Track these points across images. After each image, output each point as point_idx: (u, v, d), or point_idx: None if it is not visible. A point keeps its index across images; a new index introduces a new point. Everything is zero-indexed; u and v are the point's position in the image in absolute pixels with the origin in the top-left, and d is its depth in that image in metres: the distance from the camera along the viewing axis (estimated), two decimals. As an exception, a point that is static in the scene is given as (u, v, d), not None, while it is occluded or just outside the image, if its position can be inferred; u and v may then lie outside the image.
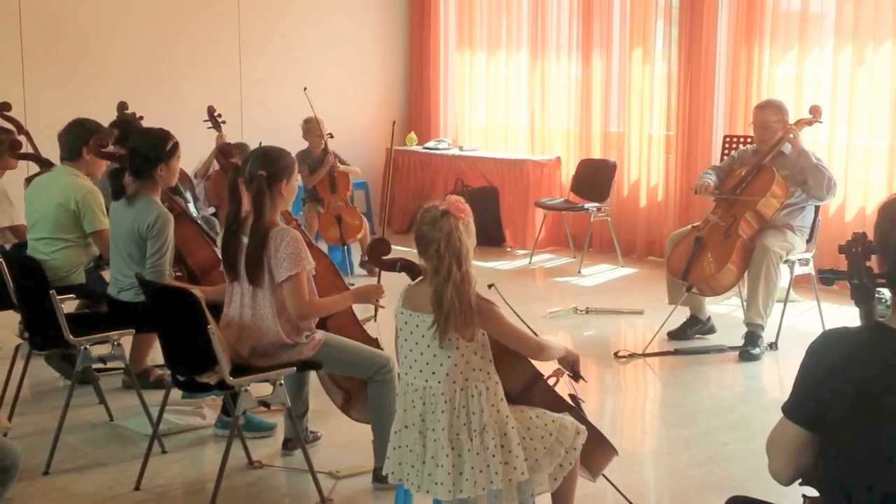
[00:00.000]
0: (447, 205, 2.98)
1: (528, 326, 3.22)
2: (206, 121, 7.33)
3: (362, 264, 8.04)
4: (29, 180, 5.96)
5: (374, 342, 4.15)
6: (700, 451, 4.40)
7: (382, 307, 3.99)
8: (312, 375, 4.23)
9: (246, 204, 3.80)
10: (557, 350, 3.28)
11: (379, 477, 3.85)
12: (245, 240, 3.74)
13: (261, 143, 7.06)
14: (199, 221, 5.13)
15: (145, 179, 4.53)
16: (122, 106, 6.17)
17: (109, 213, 4.77)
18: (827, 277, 2.31)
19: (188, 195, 6.28)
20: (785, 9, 7.76)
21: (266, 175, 3.70)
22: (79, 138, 5.12)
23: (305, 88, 7.64)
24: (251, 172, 3.72)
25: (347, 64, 10.20)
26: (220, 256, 3.94)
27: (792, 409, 2.20)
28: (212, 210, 7.16)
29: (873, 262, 2.20)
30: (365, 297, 3.94)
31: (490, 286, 3.19)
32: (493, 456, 2.94)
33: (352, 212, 7.98)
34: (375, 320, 4.30)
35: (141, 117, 6.14)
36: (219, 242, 3.95)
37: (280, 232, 3.70)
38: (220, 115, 7.35)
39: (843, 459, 2.11)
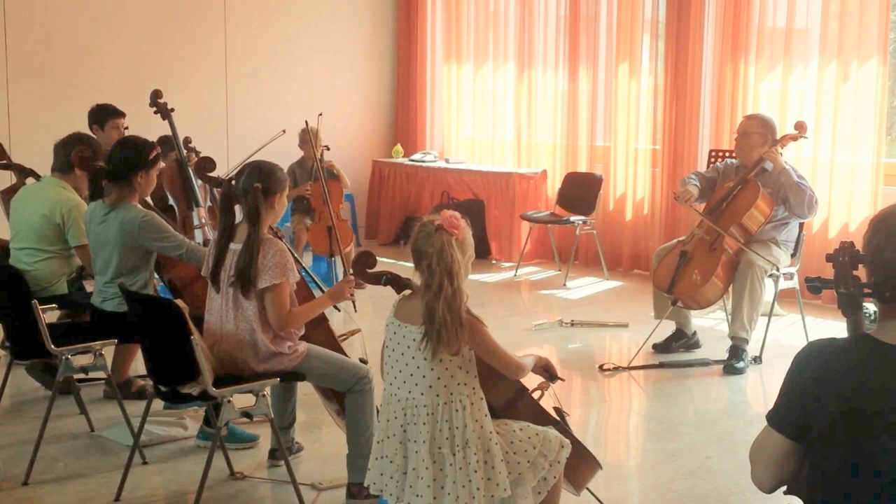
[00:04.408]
0: (442, 220, 2.97)
1: None
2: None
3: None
4: (4, 192, 5.90)
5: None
6: (684, 464, 4.40)
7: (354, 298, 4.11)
8: (306, 387, 4.20)
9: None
10: (531, 364, 3.27)
11: (352, 492, 3.83)
12: (233, 247, 3.73)
13: (225, 147, 7.01)
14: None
15: (124, 187, 4.51)
16: (156, 94, 5.95)
17: (88, 220, 4.69)
18: (815, 286, 2.30)
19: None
20: (770, 25, 7.80)
21: (262, 188, 3.72)
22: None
23: (321, 114, 7.60)
24: (245, 186, 3.74)
25: (334, 76, 10.20)
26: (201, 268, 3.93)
27: (776, 419, 2.19)
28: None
29: (860, 272, 2.20)
30: (339, 295, 3.96)
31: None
32: (476, 472, 2.92)
33: (342, 224, 8.00)
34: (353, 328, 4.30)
35: (172, 109, 5.95)
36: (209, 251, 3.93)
37: (268, 241, 3.72)
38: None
39: (829, 473, 2.10)
